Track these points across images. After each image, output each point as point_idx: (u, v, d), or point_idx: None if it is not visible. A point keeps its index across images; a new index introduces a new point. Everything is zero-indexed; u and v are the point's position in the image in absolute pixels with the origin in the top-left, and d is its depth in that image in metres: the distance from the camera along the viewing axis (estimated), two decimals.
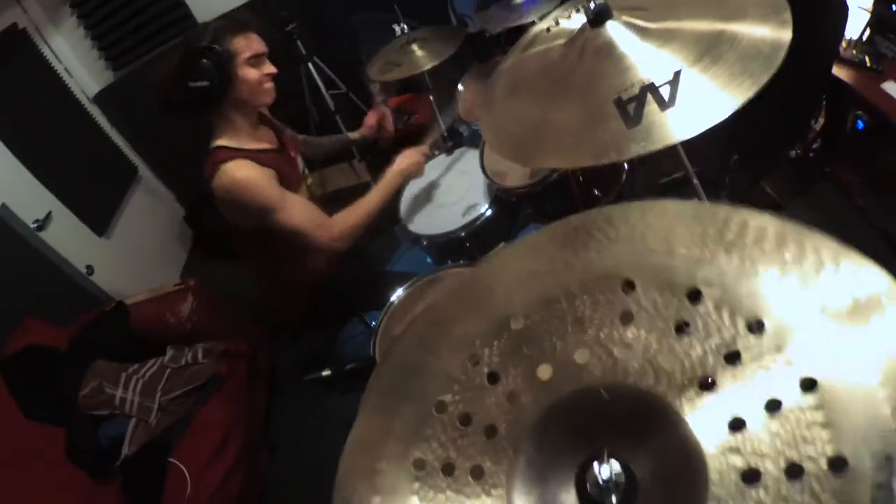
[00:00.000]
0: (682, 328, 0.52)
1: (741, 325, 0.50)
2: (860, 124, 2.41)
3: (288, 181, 1.76)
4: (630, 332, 0.55)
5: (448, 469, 0.56)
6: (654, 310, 0.55)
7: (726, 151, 2.62)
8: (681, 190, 2.69)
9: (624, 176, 1.87)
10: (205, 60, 1.58)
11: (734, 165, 2.65)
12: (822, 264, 0.49)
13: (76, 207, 3.20)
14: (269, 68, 1.70)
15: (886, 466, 0.39)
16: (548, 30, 1.18)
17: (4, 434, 1.99)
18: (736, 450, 0.45)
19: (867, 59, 2.16)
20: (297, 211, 1.70)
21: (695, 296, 0.53)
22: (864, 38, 2.27)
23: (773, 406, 0.45)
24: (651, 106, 0.89)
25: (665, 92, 0.88)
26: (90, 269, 3.08)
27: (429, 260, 2.13)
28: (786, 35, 0.85)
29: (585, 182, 1.73)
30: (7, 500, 1.82)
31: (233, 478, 2.20)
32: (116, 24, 3.63)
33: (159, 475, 2.09)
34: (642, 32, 0.98)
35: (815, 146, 2.75)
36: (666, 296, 0.55)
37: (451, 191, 2.17)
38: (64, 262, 2.94)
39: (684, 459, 0.47)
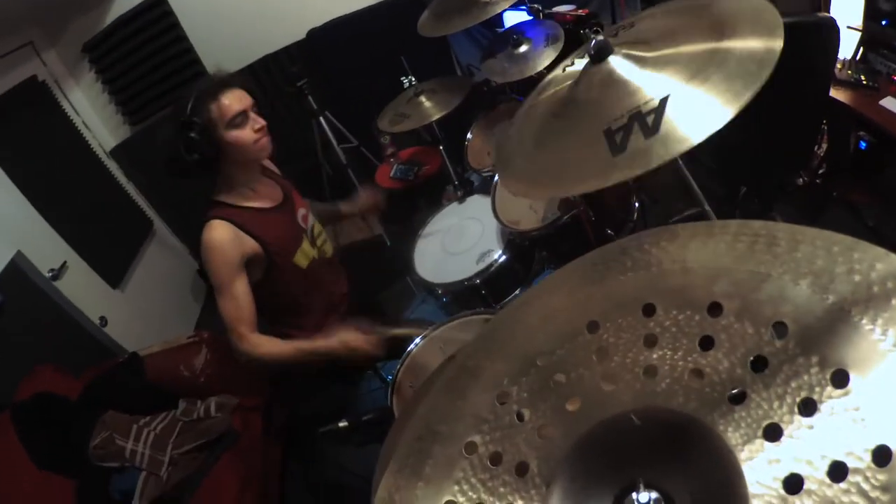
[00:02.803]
0: (706, 343, 0.52)
1: (764, 331, 0.50)
2: (863, 144, 2.41)
3: (280, 239, 1.74)
4: (655, 354, 0.55)
5: None
6: (676, 329, 0.55)
7: (734, 186, 2.62)
8: None
9: (636, 214, 1.88)
10: (190, 134, 1.56)
11: (743, 199, 2.66)
12: (835, 260, 0.50)
13: (91, 259, 3.22)
14: (257, 122, 1.65)
15: None
16: (563, 69, 1.21)
17: (15, 482, 1.94)
18: (775, 458, 0.44)
19: (863, 77, 2.16)
20: (232, 303, 1.63)
21: (715, 309, 0.53)
22: (858, 56, 2.28)
23: (808, 407, 0.44)
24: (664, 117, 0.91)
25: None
26: (104, 320, 3.07)
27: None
28: (777, 43, 0.87)
29: (598, 221, 1.75)
30: None
31: None
32: (133, 80, 3.74)
33: None
34: (640, 61, 1.03)
35: (821, 171, 2.73)
36: (687, 314, 0.55)
37: (464, 238, 2.16)
38: (78, 313, 2.93)
39: (722, 476, 0.46)
